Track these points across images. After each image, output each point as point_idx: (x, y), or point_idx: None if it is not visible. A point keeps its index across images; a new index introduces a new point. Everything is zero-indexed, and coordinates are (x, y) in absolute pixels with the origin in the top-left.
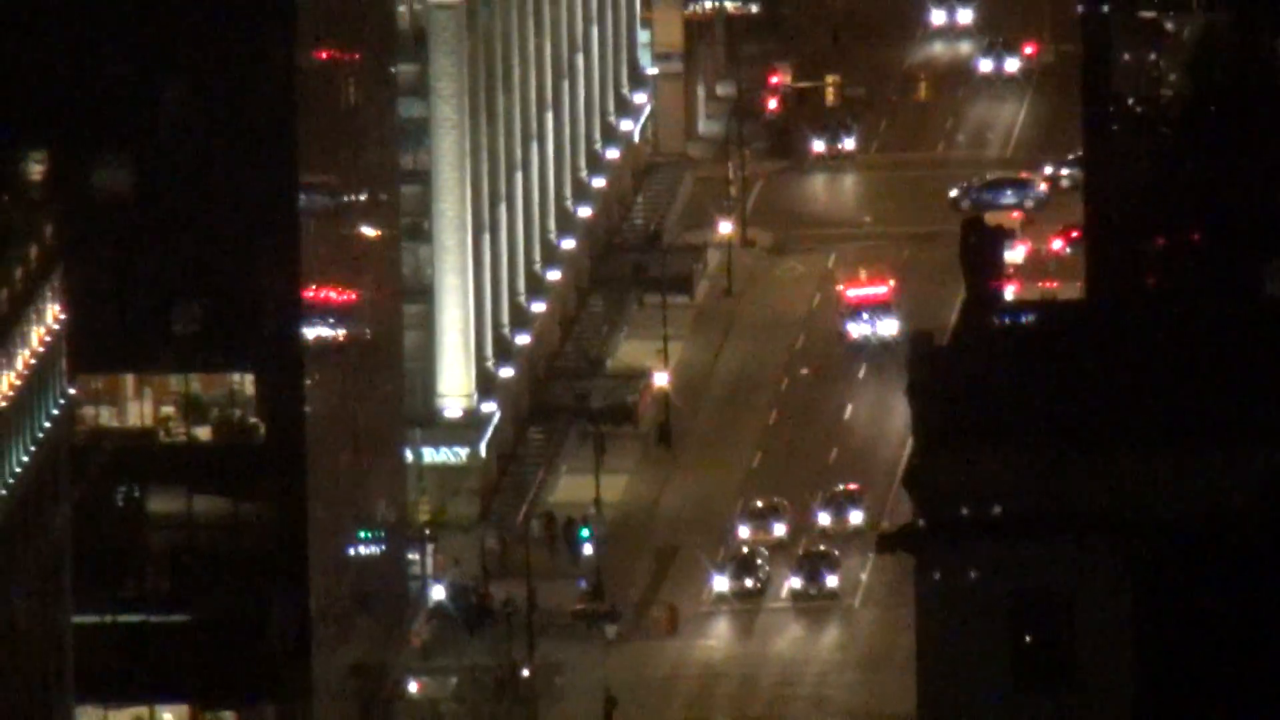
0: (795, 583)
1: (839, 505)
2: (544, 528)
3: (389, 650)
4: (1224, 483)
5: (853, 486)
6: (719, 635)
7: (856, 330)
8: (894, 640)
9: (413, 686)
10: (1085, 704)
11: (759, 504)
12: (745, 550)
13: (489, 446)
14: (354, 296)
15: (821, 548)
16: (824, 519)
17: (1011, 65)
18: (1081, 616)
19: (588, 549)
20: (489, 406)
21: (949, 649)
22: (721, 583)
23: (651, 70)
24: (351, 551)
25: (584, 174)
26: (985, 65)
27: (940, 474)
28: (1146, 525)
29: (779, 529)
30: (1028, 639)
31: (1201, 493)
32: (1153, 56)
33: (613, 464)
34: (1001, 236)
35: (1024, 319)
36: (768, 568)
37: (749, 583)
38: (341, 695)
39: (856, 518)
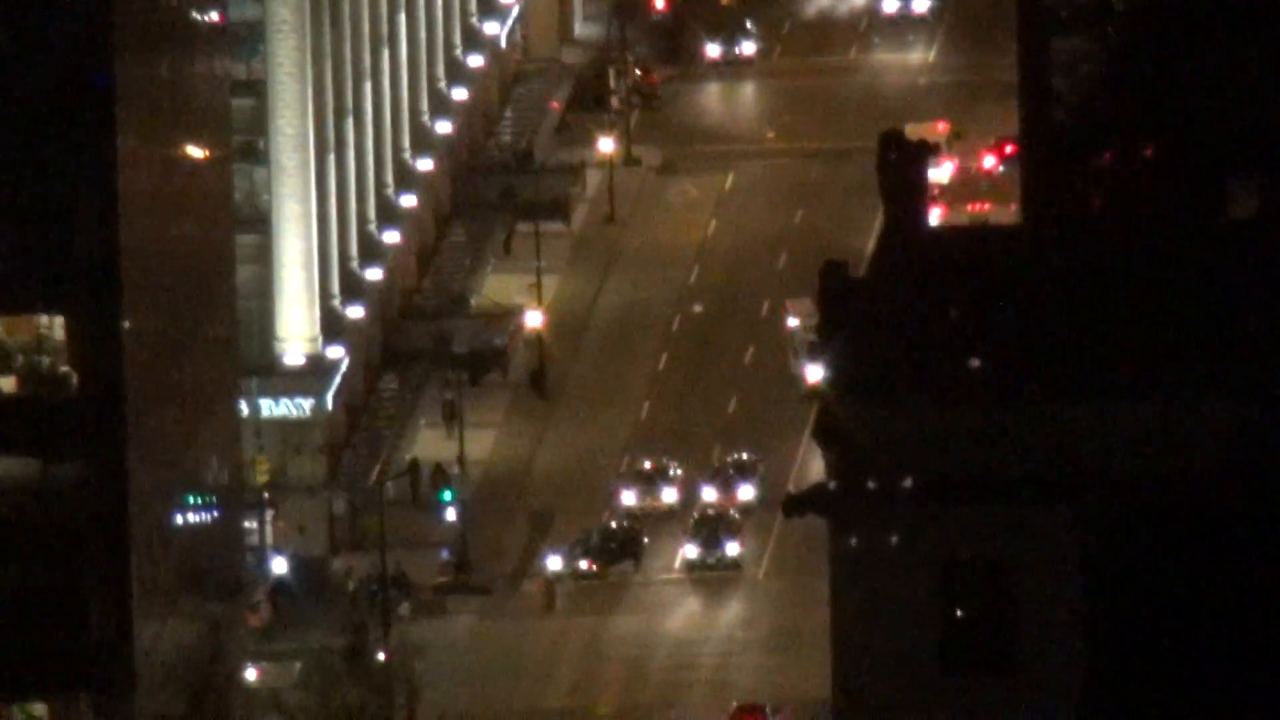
0: (691, 551)
1: (726, 479)
2: (410, 481)
3: (223, 633)
4: (1184, 438)
5: (744, 456)
6: (603, 611)
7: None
8: (804, 616)
9: (250, 673)
10: (1025, 689)
11: (646, 465)
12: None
13: (336, 397)
14: (179, 227)
15: (720, 511)
16: (709, 494)
17: None
18: (1020, 589)
19: (450, 514)
20: (336, 352)
21: (868, 626)
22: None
23: None
24: (179, 520)
25: (443, 84)
26: None
27: (857, 426)
28: (1095, 486)
29: (668, 494)
30: (959, 614)
31: (1159, 449)
32: None
33: (480, 417)
34: (925, 152)
35: (952, 248)
36: (645, 537)
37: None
38: (168, 685)
39: (747, 493)
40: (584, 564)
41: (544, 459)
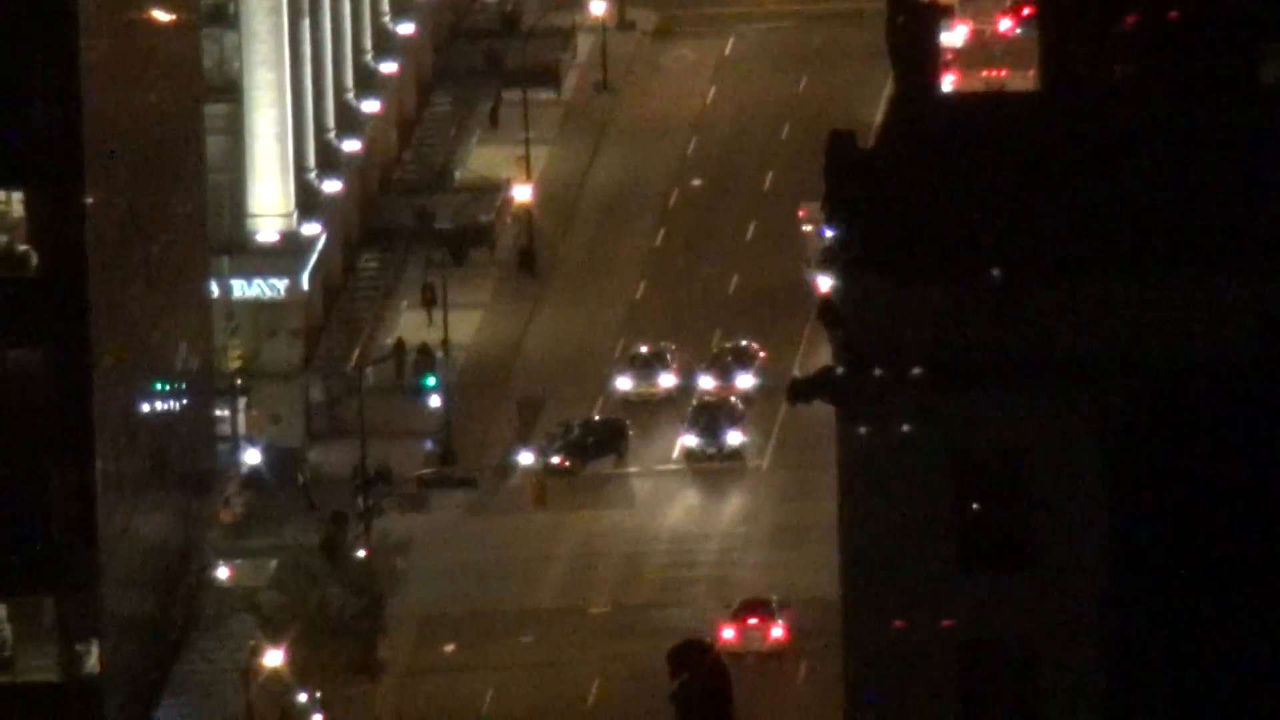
0: (690, 441)
1: (724, 367)
2: (395, 364)
3: (193, 529)
4: (1211, 318)
5: (743, 343)
6: (599, 506)
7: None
8: (810, 510)
9: (223, 572)
10: (1044, 585)
11: (643, 349)
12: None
13: (313, 277)
14: (144, 96)
15: (720, 399)
16: (706, 383)
17: None
18: (1040, 479)
19: (434, 401)
20: (312, 229)
21: (879, 521)
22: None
23: None
24: (146, 408)
25: None
26: None
27: (866, 308)
28: (1117, 370)
29: (666, 379)
30: (974, 507)
31: (1184, 330)
32: None
33: (465, 297)
34: (937, 15)
35: (967, 116)
36: (630, 430)
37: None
38: (136, 583)
39: (746, 382)
40: (556, 460)
41: (533, 342)
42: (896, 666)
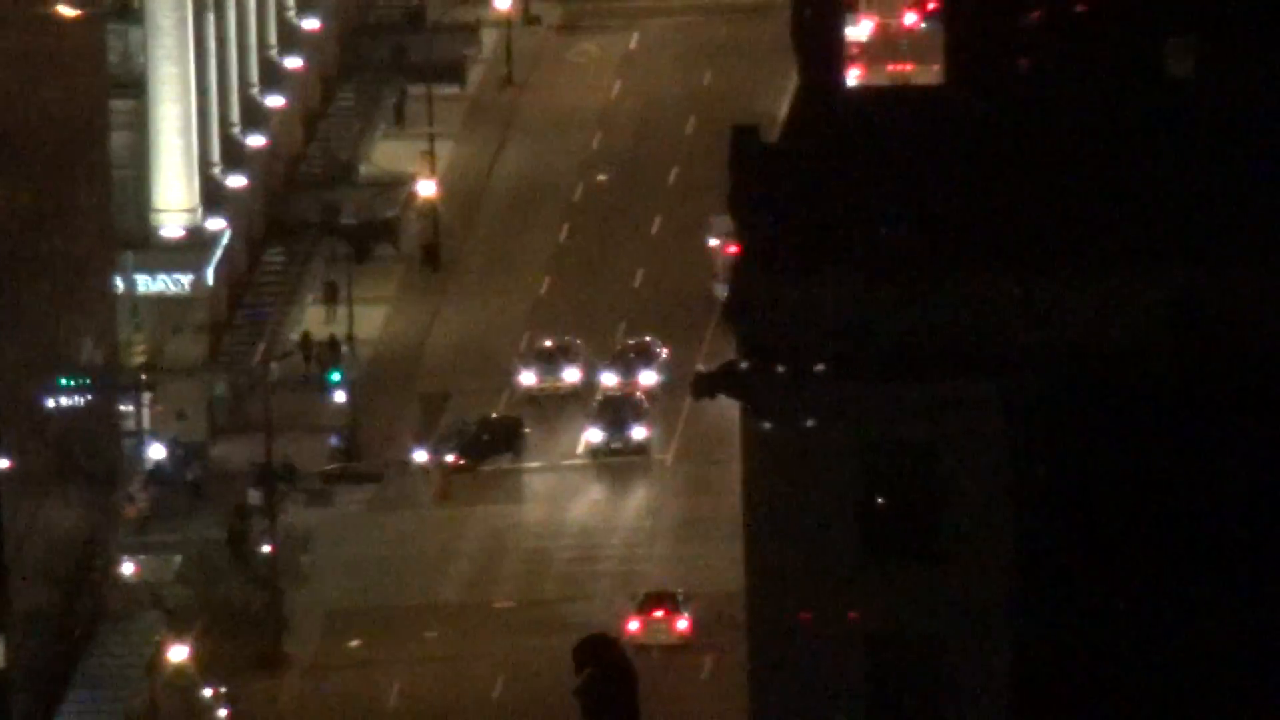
0: (594, 435)
1: (627, 363)
2: (303, 356)
3: (99, 524)
4: (1117, 310)
5: (646, 339)
6: (504, 500)
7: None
8: (715, 504)
9: (128, 567)
10: (952, 578)
11: (548, 343)
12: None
13: (217, 273)
14: (49, 90)
15: (625, 394)
16: (609, 379)
17: None
18: (946, 472)
19: (339, 396)
20: (217, 224)
21: (784, 514)
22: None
23: None
24: (50, 403)
25: None
26: None
27: (770, 301)
28: (1025, 362)
29: (571, 374)
30: (880, 501)
31: (1090, 322)
32: None
33: (370, 292)
34: (842, 9)
35: (871, 110)
36: (525, 428)
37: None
38: (41, 578)
39: (649, 378)
40: (450, 458)
41: (438, 337)
42: (802, 659)
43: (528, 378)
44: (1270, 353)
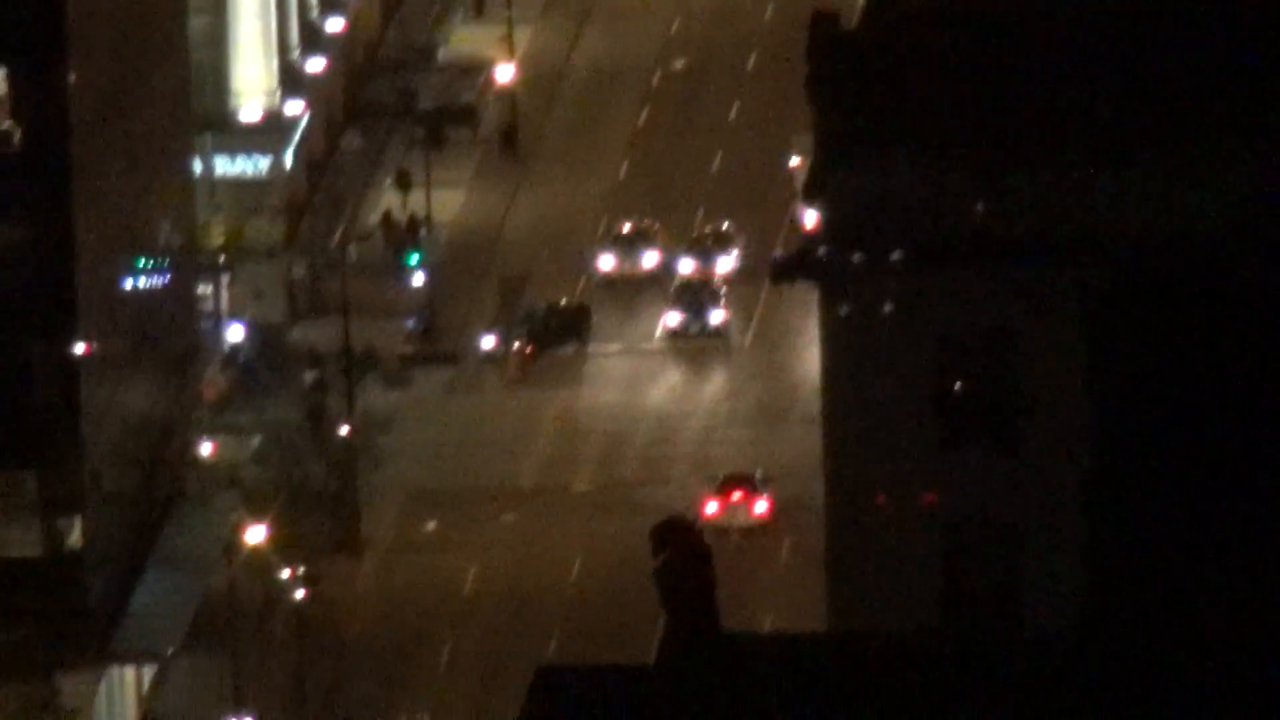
0: (672, 319)
1: (704, 250)
2: (383, 235)
3: (176, 404)
4: (1196, 198)
5: (724, 226)
6: (582, 384)
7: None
8: (793, 389)
9: (206, 447)
10: (1028, 464)
11: (626, 228)
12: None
13: (296, 155)
14: None
15: (703, 278)
16: (686, 266)
17: None
18: (1024, 360)
19: (418, 278)
20: (295, 107)
21: (863, 400)
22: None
23: None
24: (129, 284)
25: None
26: None
27: (849, 186)
28: (1101, 249)
29: (649, 258)
30: (958, 387)
31: (1169, 210)
32: None
33: (448, 176)
34: None
35: None
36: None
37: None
38: (119, 459)
39: (726, 265)
40: (517, 345)
41: (516, 221)
42: (879, 543)
43: (606, 262)
44: None
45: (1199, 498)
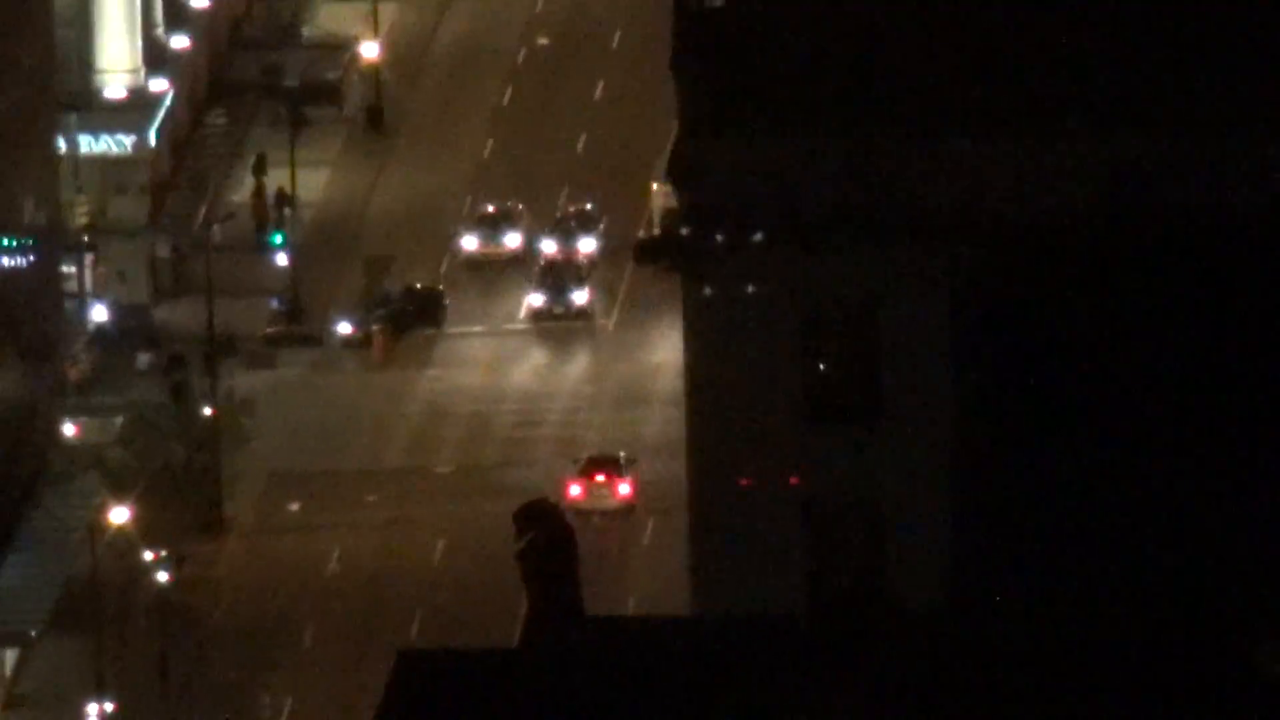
0: (536, 300)
1: (567, 230)
2: (253, 212)
3: (39, 386)
4: (1062, 173)
5: (587, 206)
6: (444, 365)
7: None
8: (657, 370)
9: (69, 429)
10: (893, 442)
11: (490, 208)
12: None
13: (161, 133)
14: None
15: (566, 258)
16: (549, 246)
17: None
18: (888, 339)
19: (281, 259)
20: (160, 84)
21: (725, 380)
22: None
23: None
24: None
25: None
26: None
27: (712, 164)
28: (969, 226)
29: (512, 239)
30: (822, 366)
31: (1038, 187)
32: None
33: (313, 155)
34: None
35: None
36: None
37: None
38: None
39: (588, 246)
40: (374, 329)
41: (381, 200)
42: (742, 524)
43: (469, 243)
44: (1209, 223)
45: (1064, 475)
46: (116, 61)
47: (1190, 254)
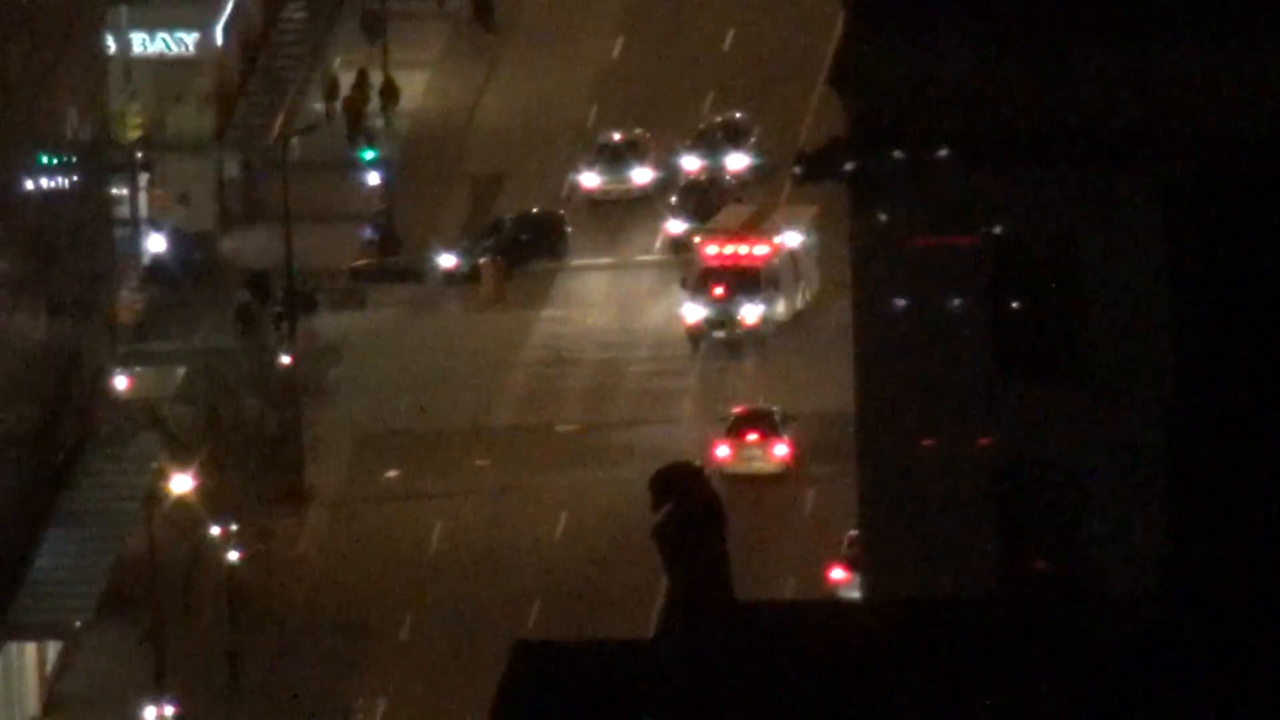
0: (676, 227)
1: (712, 143)
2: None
3: (85, 329)
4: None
5: (736, 115)
6: (565, 304)
7: None
8: (820, 310)
9: (120, 381)
10: (1097, 396)
11: (615, 136)
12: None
13: (229, 30)
14: None
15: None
16: (690, 163)
17: None
18: (1093, 276)
19: (373, 178)
20: None
21: (899, 323)
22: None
23: None
24: (29, 184)
25: None
26: None
27: (884, 70)
28: (1183, 146)
29: (640, 174)
30: (1014, 305)
31: (1264, 101)
32: None
33: (408, 56)
34: None
35: None
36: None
37: None
38: (15, 396)
39: (738, 162)
40: (483, 261)
41: (490, 110)
42: (920, 492)
43: (589, 179)
44: None
45: None
46: None
47: None
